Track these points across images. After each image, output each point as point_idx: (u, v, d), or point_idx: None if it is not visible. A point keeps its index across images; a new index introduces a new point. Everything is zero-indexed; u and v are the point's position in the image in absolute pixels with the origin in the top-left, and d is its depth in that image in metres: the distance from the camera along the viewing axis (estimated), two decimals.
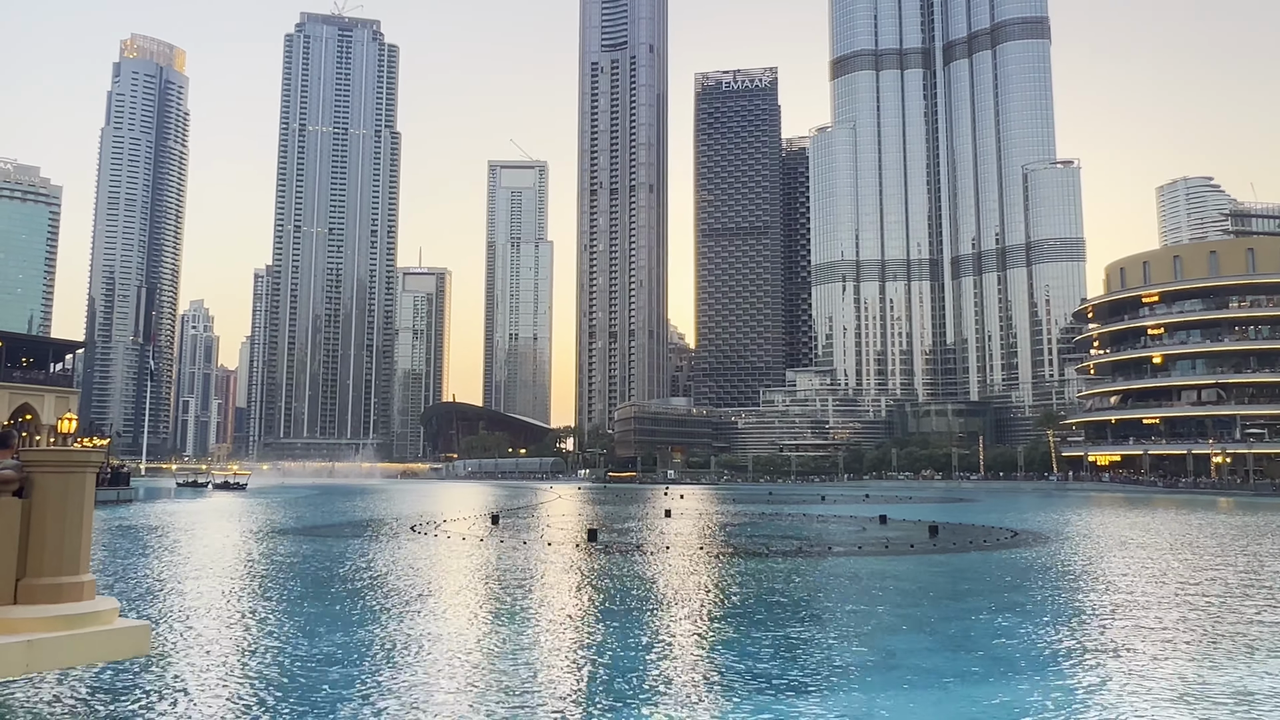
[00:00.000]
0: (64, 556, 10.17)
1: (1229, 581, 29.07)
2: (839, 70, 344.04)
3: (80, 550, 10.44)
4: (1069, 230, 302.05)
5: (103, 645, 10.45)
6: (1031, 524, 60.00)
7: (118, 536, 45.93)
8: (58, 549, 10.08)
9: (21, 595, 9.97)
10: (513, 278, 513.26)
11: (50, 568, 10.09)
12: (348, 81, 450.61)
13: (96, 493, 75.62)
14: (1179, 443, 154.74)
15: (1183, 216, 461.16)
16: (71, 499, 10.21)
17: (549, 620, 21.43)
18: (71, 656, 10.60)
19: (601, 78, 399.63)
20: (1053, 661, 17.05)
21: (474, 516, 65.30)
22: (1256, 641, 18.87)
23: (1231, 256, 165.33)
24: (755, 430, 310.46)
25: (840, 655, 17.61)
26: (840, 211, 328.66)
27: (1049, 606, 23.90)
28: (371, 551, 38.28)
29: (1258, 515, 70.09)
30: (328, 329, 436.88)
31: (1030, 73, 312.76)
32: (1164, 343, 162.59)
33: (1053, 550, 40.63)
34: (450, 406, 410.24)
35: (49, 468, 10.23)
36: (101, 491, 79.35)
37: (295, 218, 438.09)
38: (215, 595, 25.19)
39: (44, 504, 10.03)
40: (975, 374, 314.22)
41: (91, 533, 10.96)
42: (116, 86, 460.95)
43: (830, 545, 43.19)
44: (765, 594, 26.12)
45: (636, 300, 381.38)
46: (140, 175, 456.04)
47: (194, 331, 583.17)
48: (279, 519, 63.61)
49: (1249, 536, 48.17)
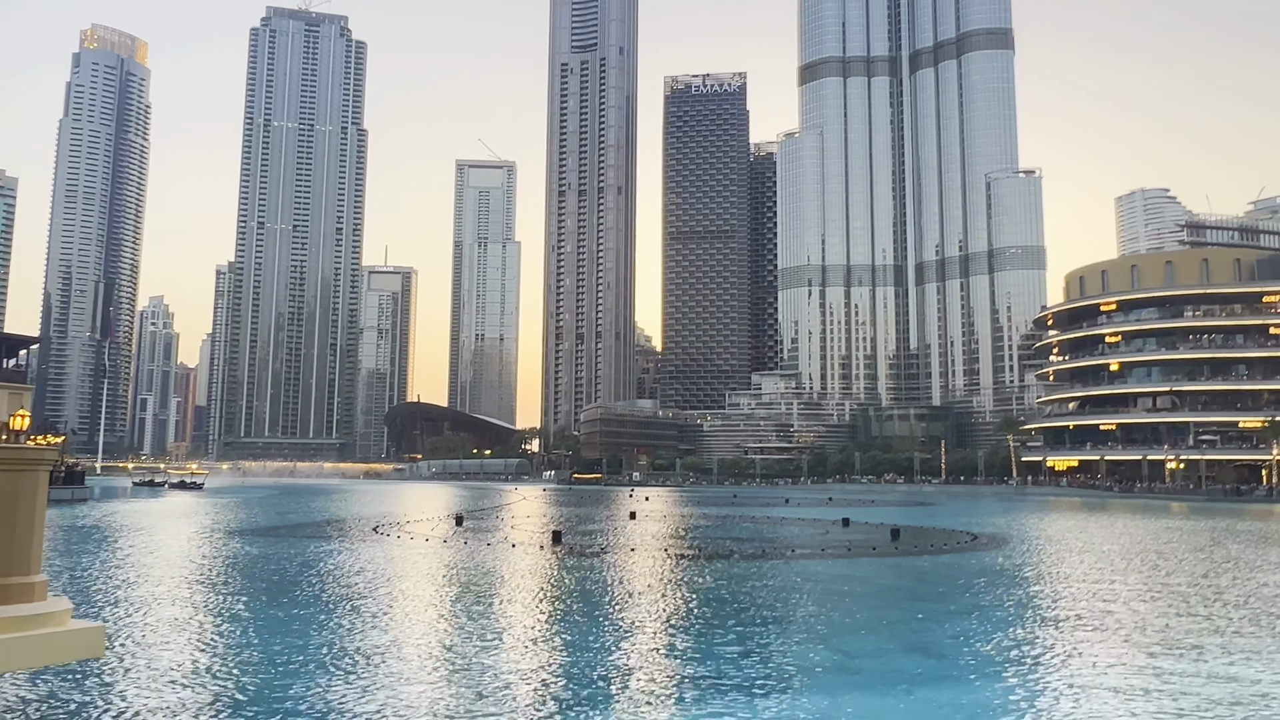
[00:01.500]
0: (14, 557, 9.94)
1: (1182, 585, 29.66)
2: (807, 76, 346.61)
3: (31, 550, 10.22)
4: (1030, 239, 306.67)
5: (55, 647, 10.23)
6: (991, 528, 60.79)
7: (72, 536, 45.01)
8: (8, 549, 9.85)
9: None
10: (479, 278, 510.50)
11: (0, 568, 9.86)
12: (314, 77, 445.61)
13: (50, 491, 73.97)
14: (1134, 448, 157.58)
15: (1140, 226, 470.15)
16: (23, 498, 9.99)
17: (511, 623, 21.33)
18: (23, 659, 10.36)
19: (571, 79, 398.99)
20: (1011, 662, 17.28)
21: (437, 518, 64.84)
22: (1208, 643, 19.26)
23: (1186, 267, 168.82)
24: (720, 433, 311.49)
25: (802, 657, 17.71)
26: (807, 216, 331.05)
27: (1007, 608, 24.22)
28: (332, 553, 37.85)
29: (1209, 520, 71.62)
30: (291, 327, 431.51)
31: (994, 83, 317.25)
32: (1121, 350, 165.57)
33: (1011, 553, 41.20)
34: (415, 407, 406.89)
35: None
36: (55, 490, 77.71)
37: (259, 214, 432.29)
38: (171, 597, 24.77)
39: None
40: (938, 379, 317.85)
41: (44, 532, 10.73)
42: (76, 78, 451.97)
43: (793, 548, 43.43)
44: (728, 596, 26.20)
45: (604, 302, 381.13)
46: (99, 168, 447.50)
47: (153, 328, 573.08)
48: (238, 520, 62.71)
49: (1202, 540, 49.20)
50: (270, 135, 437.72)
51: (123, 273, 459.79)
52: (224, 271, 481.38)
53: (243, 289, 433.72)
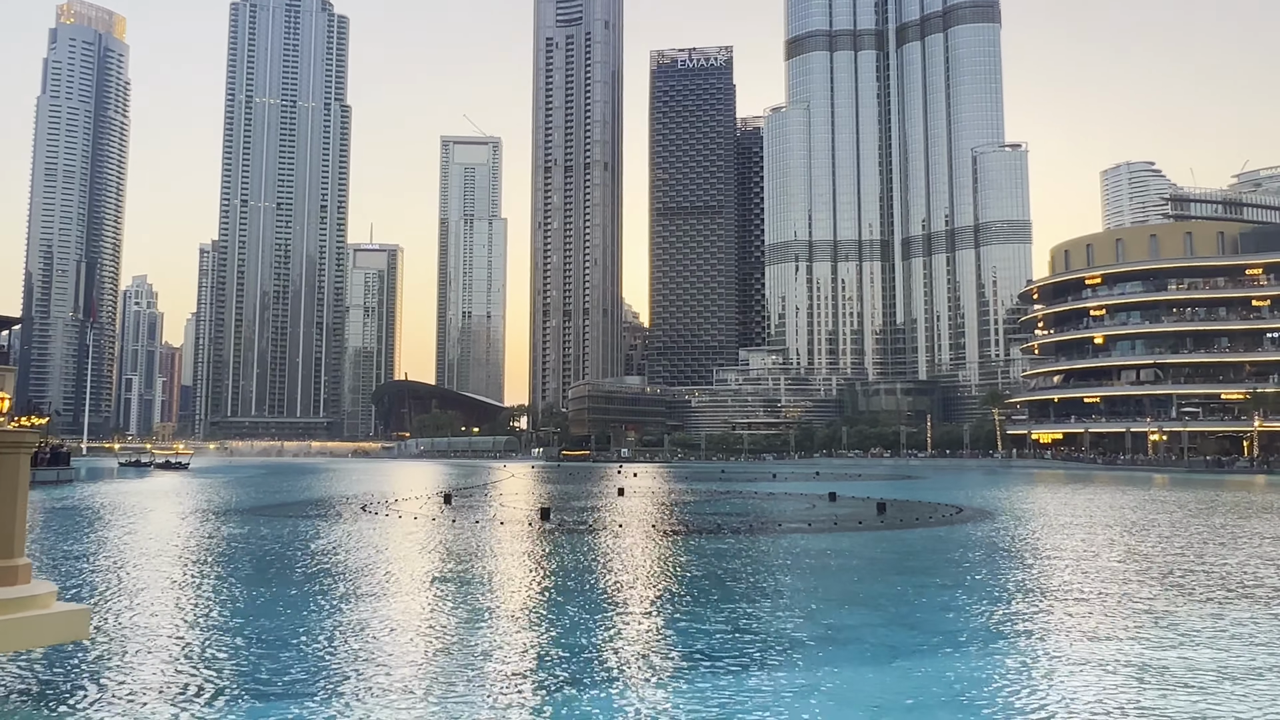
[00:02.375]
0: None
1: (1166, 556, 30.03)
2: (793, 50, 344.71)
3: (14, 533, 10.18)
4: (1016, 213, 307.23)
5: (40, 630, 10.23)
6: (976, 500, 61.34)
7: (57, 518, 44.87)
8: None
9: None
10: (466, 255, 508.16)
11: None
12: (296, 52, 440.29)
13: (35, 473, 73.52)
14: (1118, 421, 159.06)
15: (1125, 200, 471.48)
16: (4, 480, 9.95)
17: (498, 600, 21.44)
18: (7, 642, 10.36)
19: (556, 53, 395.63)
20: (995, 635, 17.49)
21: (426, 496, 64.92)
22: (1192, 615, 19.54)
23: (1171, 240, 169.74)
24: (708, 409, 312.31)
25: (788, 631, 17.88)
26: (794, 192, 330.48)
27: (992, 581, 24.49)
28: (321, 532, 37.88)
29: (1192, 491, 72.46)
30: (276, 306, 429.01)
31: (980, 56, 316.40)
32: (1105, 324, 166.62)
33: (996, 526, 41.60)
34: (402, 385, 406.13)
35: None
36: (40, 472, 77.34)
37: (242, 192, 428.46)
38: (157, 578, 24.76)
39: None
40: (924, 353, 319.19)
41: (26, 515, 10.67)
42: (53, 54, 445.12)
43: (781, 522, 43.74)
44: (716, 571, 26.38)
45: (591, 278, 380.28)
46: (79, 146, 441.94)
47: (137, 307, 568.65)
48: (225, 499, 62.62)
49: (1185, 511, 49.79)
50: (252, 112, 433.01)
51: (105, 252, 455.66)
52: (208, 250, 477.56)
53: (227, 267, 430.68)
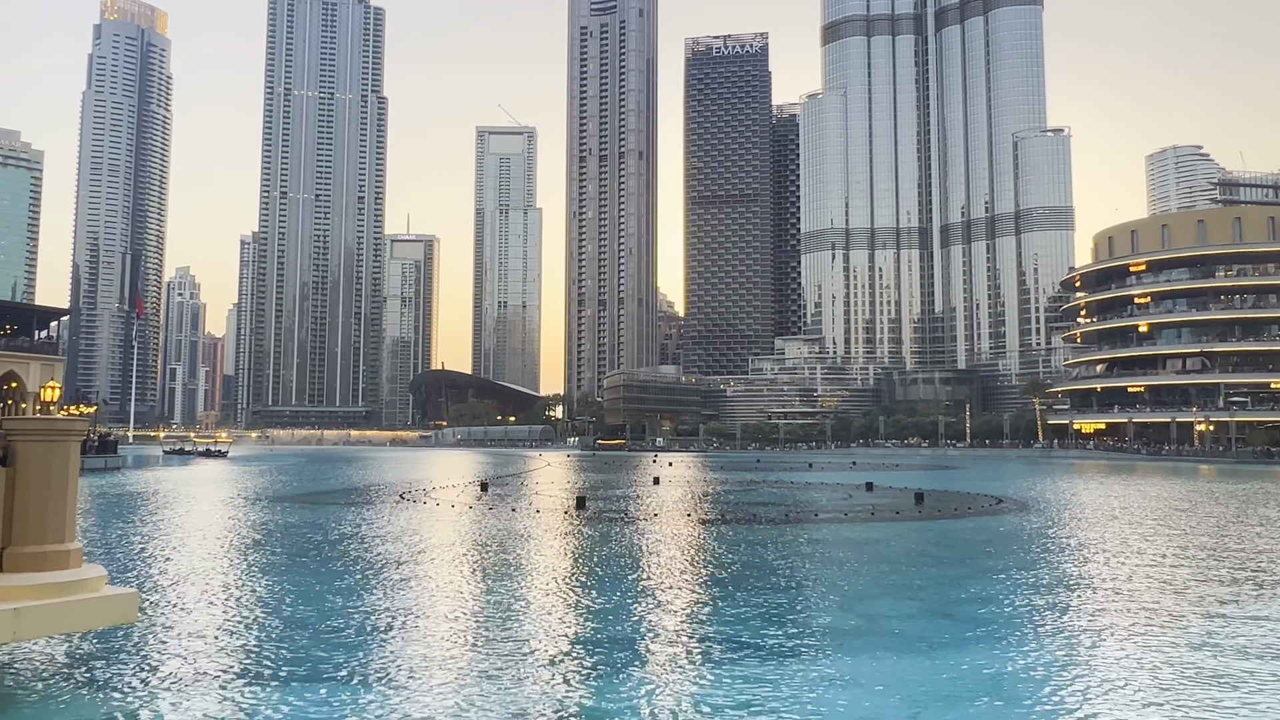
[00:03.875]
0: (49, 525, 10.16)
1: (1213, 549, 29.46)
2: (830, 36, 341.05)
3: (65, 518, 10.43)
4: (1058, 199, 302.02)
5: (90, 613, 10.48)
6: (1016, 491, 60.58)
7: (105, 504, 45.90)
8: (42, 517, 10.07)
9: (7, 564, 9.97)
10: (501, 245, 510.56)
11: (35, 536, 10.08)
12: (333, 45, 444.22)
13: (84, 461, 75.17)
14: (1163, 410, 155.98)
15: (1171, 185, 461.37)
16: (55, 467, 10.19)
17: (535, 588, 21.59)
18: (59, 624, 10.63)
19: (591, 42, 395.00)
20: (1037, 627, 17.29)
21: (463, 484, 65.48)
22: (1233, 610, 19.17)
23: (1219, 226, 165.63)
24: (744, 398, 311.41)
25: (825, 620, 17.82)
26: (830, 179, 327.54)
27: (1032, 573, 24.19)
28: (360, 519, 38.38)
29: (1239, 483, 70.94)
30: (315, 296, 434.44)
31: (1022, 39, 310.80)
32: (1150, 311, 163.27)
33: (1036, 517, 41.06)
34: (439, 374, 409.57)
35: (32, 436, 10.19)
36: (89, 459, 79.21)
37: (281, 184, 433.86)
38: (203, 563, 25.24)
39: (27, 473, 10.00)
40: (962, 342, 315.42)
41: (77, 501, 10.93)
42: (97, 49, 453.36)
43: (817, 512, 43.54)
44: (752, 560, 26.34)
45: (626, 268, 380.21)
46: (123, 140, 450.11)
47: (180, 298, 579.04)
48: (267, 486, 63.66)
49: (1232, 503, 48.77)
50: (291, 104, 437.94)
51: (149, 244, 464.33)
52: (248, 242, 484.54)
53: (267, 259, 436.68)
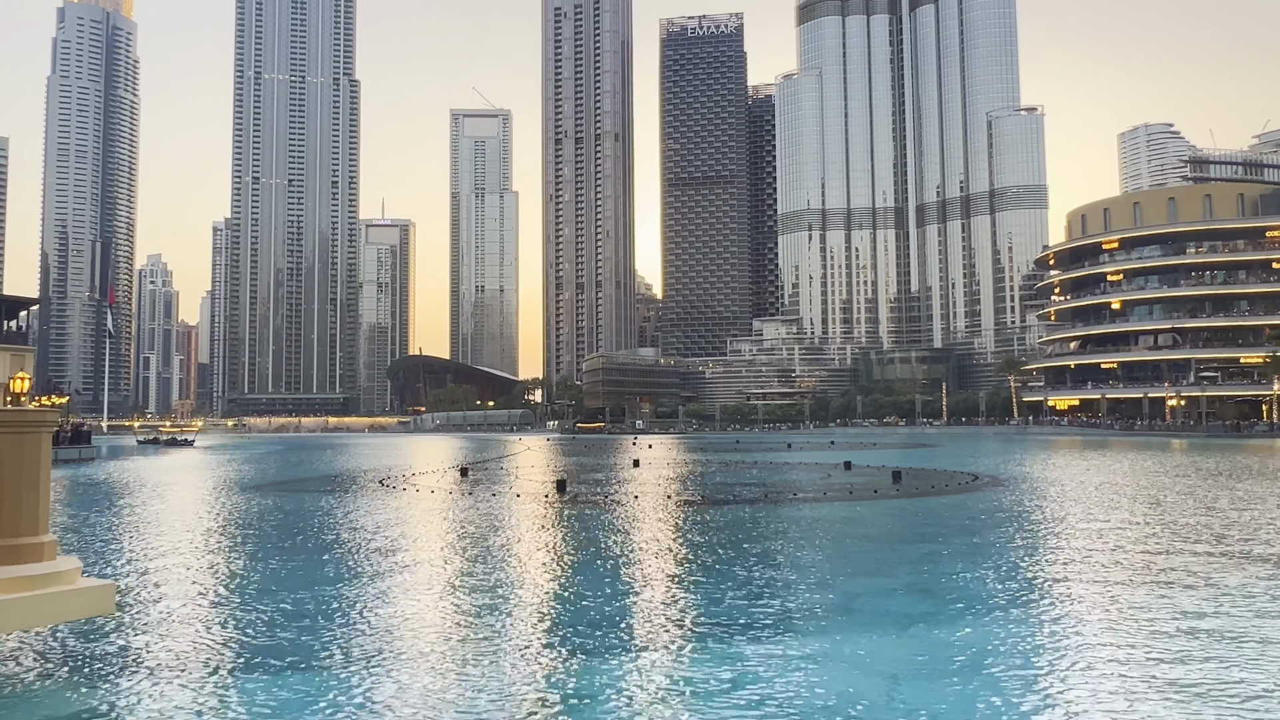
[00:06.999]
0: (22, 517, 10.05)
1: (1186, 521, 29.94)
2: (805, 16, 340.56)
3: (38, 510, 10.32)
4: (1032, 178, 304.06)
5: (66, 605, 10.40)
6: (992, 468, 61.21)
7: (80, 495, 45.45)
8: (15, 510, 9.96)
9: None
10: (478, 229, 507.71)
11: (7, 529, 9.97)
12: (304, 27, 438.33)
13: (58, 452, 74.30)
14: (1135, 386, 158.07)
15: (1144, 163, 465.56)
16: (27, 459, 10.07)
17: (515, 572, 21.63)
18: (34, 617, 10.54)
19: (565, 23, 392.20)
20: (1014, 602, 17.53)
21: (443, 469, 65.34)
22: (1209, 580, 19.51)
23: (1189, 203, 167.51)
24: (722, 379, 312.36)
25: (804, 599, 17.98)
26: (806, 160, 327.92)
27: (1008, 548, 24.50)
28: (339, 506, 38.24)
29: (1211, 456, 72.06)
30: (290, 283, 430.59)
31: (995, 19, 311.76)
32: (1123, 289, 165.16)
33: (1012, 493, 41.55)
34: (417, 360, 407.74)
35: (2, 428, 10.06)
36: (63, 450, 78.25)
37: (253, 169, 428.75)
38: (180, 552, 25.07)
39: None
40: (939, 321, 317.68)
41: (50, 493, 10.82)
42: (62, 33, 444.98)
43: (796, 492, 43.82)
44: (731, 541, 26.50)
45: (603, 251, 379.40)
46: (90, 126, 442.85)
47: (152, 286, 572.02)
48: (245, 475, 63.23)
49: (1204, 476, 49.56)
50: (261, 88, 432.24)
51: (119, 231, 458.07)
52: (221, 228, 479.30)
53: (240, 245, 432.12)
